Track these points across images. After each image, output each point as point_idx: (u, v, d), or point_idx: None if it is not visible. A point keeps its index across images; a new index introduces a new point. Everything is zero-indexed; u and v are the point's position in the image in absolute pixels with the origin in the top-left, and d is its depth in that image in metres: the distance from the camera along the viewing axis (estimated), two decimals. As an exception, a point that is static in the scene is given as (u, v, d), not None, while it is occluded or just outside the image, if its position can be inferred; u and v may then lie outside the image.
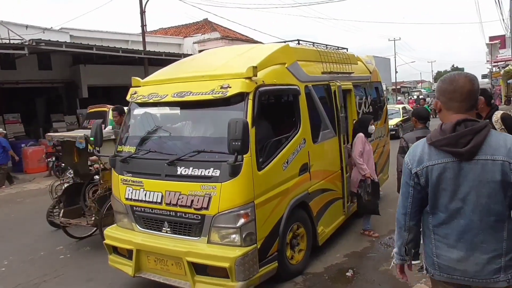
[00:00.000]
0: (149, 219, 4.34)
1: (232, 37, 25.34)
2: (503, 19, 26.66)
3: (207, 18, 27.95)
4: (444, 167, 2.06)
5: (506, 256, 2.03)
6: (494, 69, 32.60)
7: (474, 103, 2.09)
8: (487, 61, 36.53)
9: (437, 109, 2.20)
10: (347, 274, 4.74)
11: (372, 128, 6.03)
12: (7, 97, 16.76)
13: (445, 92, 2.12)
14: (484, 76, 46.63)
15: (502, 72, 20.84)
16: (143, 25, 19.37)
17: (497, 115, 4.33)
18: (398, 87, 56.05)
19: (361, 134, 5.82)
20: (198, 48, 23.47)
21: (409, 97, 47.50)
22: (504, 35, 30.11)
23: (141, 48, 17.90)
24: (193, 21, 28.81)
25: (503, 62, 27.24)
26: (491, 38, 35.31)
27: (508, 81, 20.40)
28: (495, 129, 3.61)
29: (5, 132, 13.13)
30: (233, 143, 3.62)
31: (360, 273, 4.75)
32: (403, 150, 4.72)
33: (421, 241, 2.29)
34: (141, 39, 19.33)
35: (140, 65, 16.40)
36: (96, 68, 17.78)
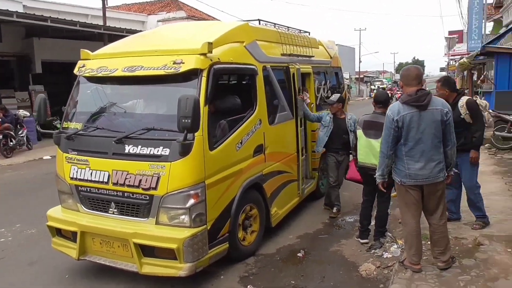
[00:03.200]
0: (95, 200, 4.15)
1: (198, 17, 24.81)
2: (461, 15, 27.54)
3: (172, -4, 27.15)
4: (412, 114, 3.58)
5: (442, 163, 3.66)
6: (451, 62, 33.73)
7: (420, 81, 3.71)
8: (445, 54, 37.76)
9: (401, 86, 3.92)
10: (298, 254, 4.76)
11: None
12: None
13: (405, 76, 3.76)
14: (442, 69, 48.33)
15: (457, 65, 21.63)
16: None
17: (462, 101, 4.64)
18: (361, 76, 57.15)
19: None
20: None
21: (371, 86, 48.47)
22: (462, 30, 31.16)
23: (101, 23, 17.14)
24: (157, -2, 27.92)
25: (459, 56, 28.23)
26: (450, 33, 36.53)
27: (463, 73, 21.26)
28: (460, 113, 4.56)
29: None
30: (183, 120, 3.48)
31: (311, 254, 4.79)
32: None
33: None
34: (101, 14, 18.50)
35: (100, 41, 15.69)
36: (52, 42, 16.85)
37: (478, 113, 4.69)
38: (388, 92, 7.11)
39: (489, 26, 26.13)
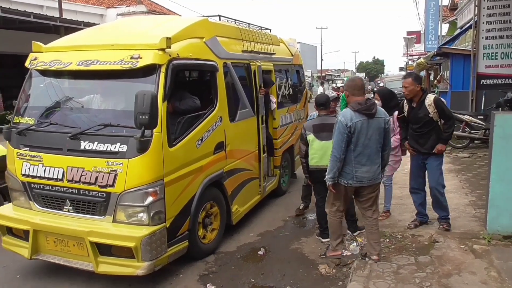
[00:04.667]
0: (49, 197, 4.01)
1: (159, 12, 24.35)
2: (419, 16, 28.56)
3: (133, -10, 26.48)
4: (362, 121, 3.84)
5: (380, 166, 4.03)
6: (409, 62, 34.91)
7: (364, 91, 4.02)
8: (404, 54, 39.03)
9: (346, 96, 4.10)
10: (259, 252, 4.78)
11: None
12: None
13: (351, 86, 4.02)
14: (400, 69, 49.86)
15: (415, 65, 22.42)
16: (60, -10, 17.80)
17: (429, 98, 4.62)
18: (323, 74, 58.05)
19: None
20: (122, 20, 22.21)
21: (333, 85, 49.31)
22: (420, 31, 32.30)
23: (57, 15, 16.48)
24: (118, -9, 27.13)
25: (417, 56, 29.26)
26: (408, 33, 37.72)
27: (421, 73, 22.06)
28: (428, 112, 4.60)
29: None
30: (140, 116, 3.43)
31: (271, 252, 4.82)
32: (302, 137, 4.91)
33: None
34: (57, 6, 17.79)
35: (56, 34, 15.08)
36: (4, 33, 16.04)
37: (445, 110, 4.67)
38: (336, 93, 7.07)
39: (445, 27, 27.24)
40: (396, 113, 5.20)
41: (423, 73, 21.52)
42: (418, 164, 4.95)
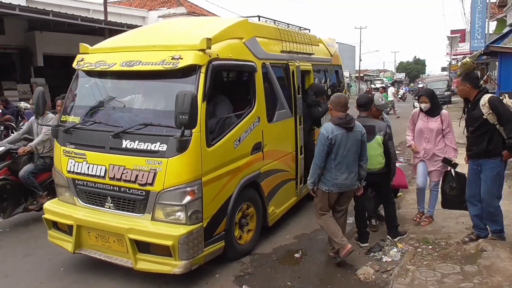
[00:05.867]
0: (92, 194, 4.13)
1: (198, 13, 24.69)
2: (464, 13, 27.43)
3: (174, -8, 27.03)
4: (342, 134, 4.19)
5: (356, 174, 4.34)
6: (453, 62, 33.63)
7: (347, 108, 4.29)
8: (447, 53, 37.63)
9: (330, 110, 4.38)
10: (296, 255, 4.73)
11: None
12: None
13: (336, 103, 4.30)
14: (443, 69, 48.11)
15: (459, 64, 21.56)
16: (105, -6, 18.45)
17: (484, 99, 4.21)
18: (362, 75, 57.01)
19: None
20: (163, 22, 22.72)
21: (371, 85, 48.26)
22: (465, 29, 31.03)
23: (102, 18, 17.09)
24: (159, -6, 27.80)
25: (462, 56, 28.13)
26: (452, 32, 36.34)
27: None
28: (482, 113, 4.18)
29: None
30: (180, 116, 3.46)
31: (308, 255, 4.75)
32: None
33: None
34: (103, 9, 18.45)
35: (101, 36, 15.65)
36: (54, 35, 16.82)
37: (505, 111, 4.15)
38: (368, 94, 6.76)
39: (493, 25, 26.02)
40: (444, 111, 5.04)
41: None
42: (473, 170, 4.49)
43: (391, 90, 22.86)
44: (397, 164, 5.31)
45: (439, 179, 5.17)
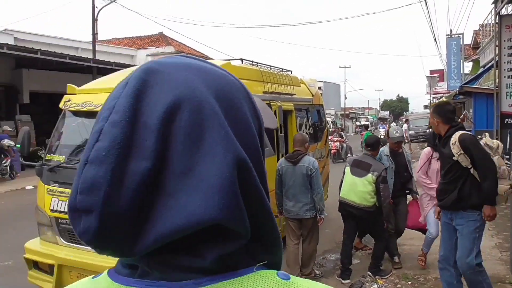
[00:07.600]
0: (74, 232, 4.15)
1: (186, 52, 25.24)
2: (441, 54, 28.62)
3: (162, 32, 27.84)
4: (287, 167, 4.83)
5: (309, 205, 4.75)
6: (433, 100, 34.75)
7: (302, 144, 4.94)
8: (427, 92, 38.88)
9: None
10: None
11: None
12: None
13: (293, 140, 5.06)
14: (425, 107, 49.45)
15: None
16: (94, 33, 18.92)
17: (455, 137, 3.54)
18: (347, 112, 58.16)
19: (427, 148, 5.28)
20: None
21: (357, 123, 49.19)
22: (443, 70, 32.28)
23: (91, 57, 17.40)
24: (148, 33, 28.53)
25: (441, 95, 29.10)
26: (432, 72, 37.77)
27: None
28: (452, 153, 3.49)
29: None
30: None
31: None
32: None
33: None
34: (91, 48, 18.82)
35: (89, 74, 15.90)
36: (41, 73, 17.02)
37: (479, 152, 3.47)
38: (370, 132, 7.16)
39: (468, 66, 27.18)
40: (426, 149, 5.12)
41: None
42: (445, 225, 3.81)
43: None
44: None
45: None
